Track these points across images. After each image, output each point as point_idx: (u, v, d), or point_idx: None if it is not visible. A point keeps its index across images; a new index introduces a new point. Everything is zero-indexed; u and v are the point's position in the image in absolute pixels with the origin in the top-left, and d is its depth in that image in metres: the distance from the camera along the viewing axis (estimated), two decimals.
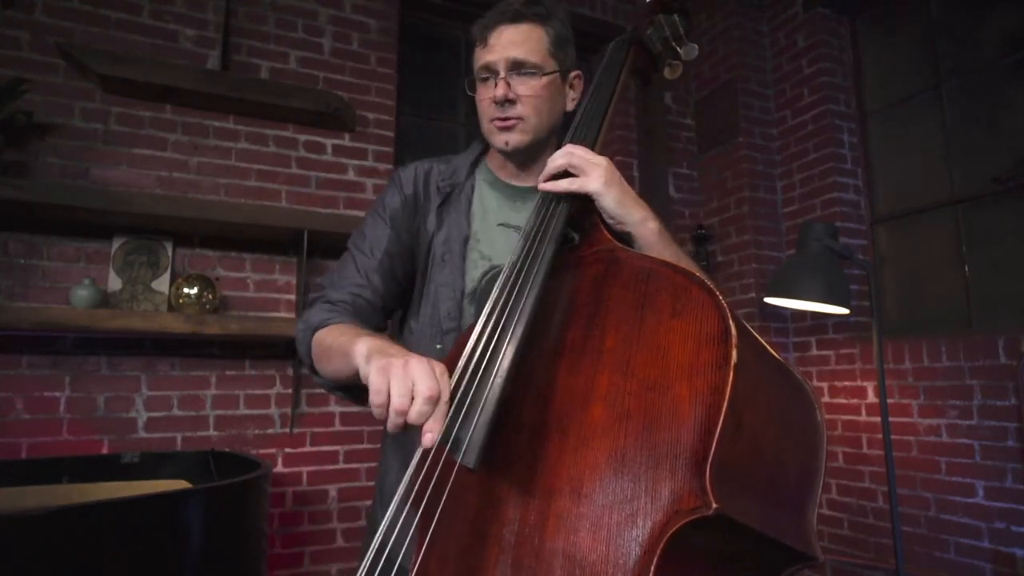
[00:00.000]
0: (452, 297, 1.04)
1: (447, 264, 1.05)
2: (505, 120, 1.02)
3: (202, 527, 1.50)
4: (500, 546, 0.66)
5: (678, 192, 3.34)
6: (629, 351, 0.66)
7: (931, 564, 2.39)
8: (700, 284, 0.65)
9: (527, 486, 0.67)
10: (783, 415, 0.66)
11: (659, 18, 1.09)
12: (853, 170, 2.97)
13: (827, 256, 2.12)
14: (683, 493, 0.56)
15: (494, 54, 1.01)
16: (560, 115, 1.08)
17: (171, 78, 2.28)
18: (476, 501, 0.71)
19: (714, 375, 0.58)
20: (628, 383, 0.64)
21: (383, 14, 2.80)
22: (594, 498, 0.61)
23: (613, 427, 0.63)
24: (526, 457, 0.69)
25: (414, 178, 1.12)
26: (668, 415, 0.59)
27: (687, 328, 0.63)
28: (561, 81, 1.06)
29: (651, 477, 0.58)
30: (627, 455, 0.60)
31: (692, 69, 3.47)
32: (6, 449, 2.03)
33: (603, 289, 0.73)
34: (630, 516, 0.58)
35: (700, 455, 0.56)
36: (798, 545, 0.62)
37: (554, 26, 1.04)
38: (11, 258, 2.12)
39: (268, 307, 2.45)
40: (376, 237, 1.08)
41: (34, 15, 2.22)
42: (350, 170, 2.65)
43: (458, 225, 1.07)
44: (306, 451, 2.44)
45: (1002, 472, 2.22)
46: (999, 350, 2.26)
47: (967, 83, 2.65)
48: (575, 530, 0.61)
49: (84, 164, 2.23)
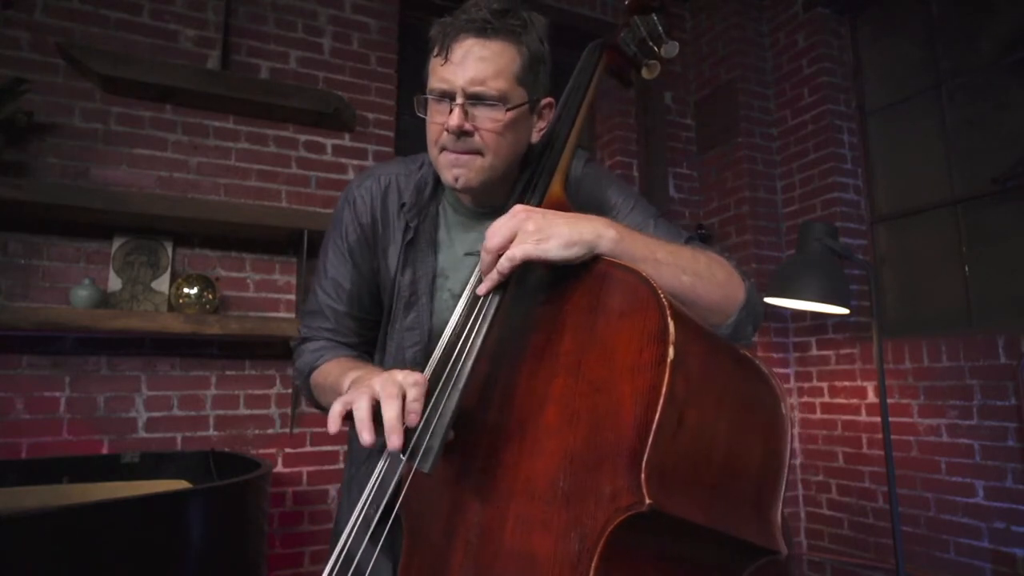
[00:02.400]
0: (419, 342, 0.98)
1: (413, 307, 0.99)
2: (459, 154, 0.87)
3: (202, 527, 1.50)
4: (466, 548, 0.69)
5: (678, 192, 3.34)
6: (581, 353, 0.67)
7: (931, 564, 2.39)
8: (645, 283, 0.65)
9: (489, 489, 0.69)
10: (739, 410, 0.66)
11: (634, 20, 1.06)
12: (853, 170, 2.97)
13: (827, 256, 2.12)
14: (620, 491, 0.57)
15: (454, 74, 0.84)
16: (522, 149, 0.94)
17: (171, 78, 2.28)
18: (447, 504, 0.74)
19: (652, 373, 0.59)
20: (579, 385, 0.65)
21: (383, 14, 2.80)
22: (545, 498, 0.63)
23: (564, 429, 0.64)
24: (489, 460, 0.71)
25: (371, 203, 1.01)
26: (612, 415, 0.61)
27: (632, 327, 0.63)
28: (528, 111, 0.90)
29: (595, 477, 0.59)
30: (575, 456, 0.62)
31: (692, 69, 3.47)
32: (6, 449, 2.03)
33: (564, 294, 0.74)
34: (576, 515, 0.59)
35: (637, 453, 0.56)
36: (759, 540, 0.63)
37: (529, 44, 0.88)
38: (11, 258, 2.12)
39: (268, 307, 2.45)
40: (339, 276, 1.02)
41: (34, 15, 2.22)
42: (350, 170, 2.65)
43: (425, 262, 0.99)
44: (306, 451, 2.44)
45: (1002, 472, 2.22)
46: (999, 350, 2.26)
47: (967, 83, 2.65)
48: (529, 530, 0.63)
49: (84, 164, 2.23)
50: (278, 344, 2.41)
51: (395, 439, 0.64)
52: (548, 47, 0.92)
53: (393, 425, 0.64)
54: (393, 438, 0.64)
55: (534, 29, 0.89)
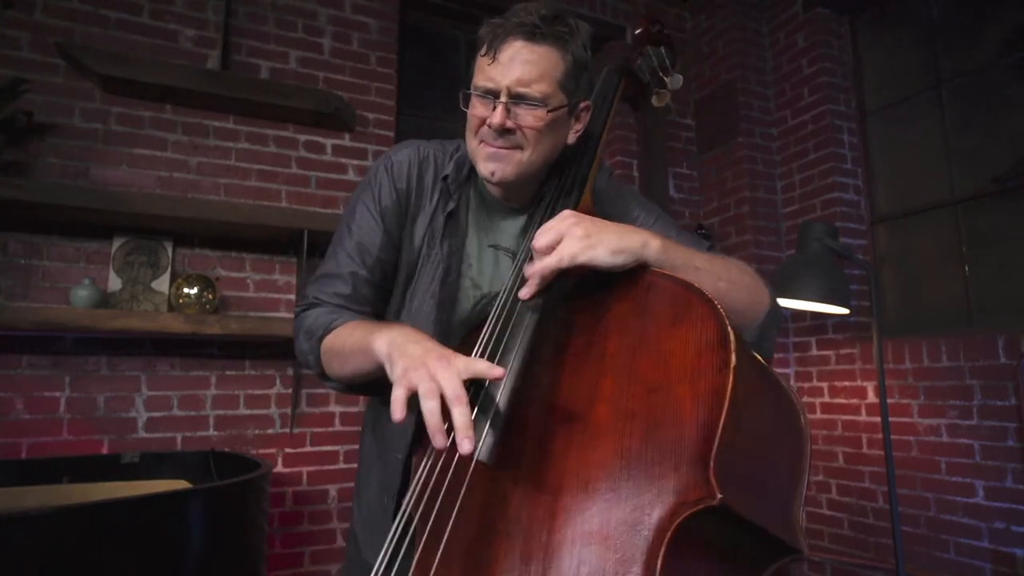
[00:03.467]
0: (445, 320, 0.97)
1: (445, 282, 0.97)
2: (498, 148, 0.90)
3: (202, 527, 1.50)
4: (508, 541, 0.69)
5: (678, 192, 3.34)
6: (632, 356, 0.71)
7: (931, 564, 2.39)
8: (699, 294, 0.70)
9: (534, 483, 0.70)
10: (774, 418, 0.71)
11: (647, 49, 1.15)
12: (853, 170, 2.97)
13: (827, 256, 2.12)
14: (688, 486, 0.60)
15: (500, 74, 0.88)
16: (559, 149, 0.97)
17: (171, 78, 2.28)
18: (480, 500, 0.74)
19: (715, 378, 0.63)
20: (631, 386, 0.68)
21: (383, 14, 2.80)
22: (602, 492, 0.65)
23: (618, 426, 0.67)
24: (532, 455, 0.72)
25: (407, 171, 1.01)
26: (672, 415, 0.64)
27: (687, 335, 0.68)
28: (567, 114, 0.94)
29: (657, 472, 0.62)
30: (633, 452, 0.64)
31: (692, 69, 3.47)
32: (6, 449, 2.03)
33: (604, 300, 0.78)
34: (638, 508, 0.62)
35: (704, 451, 0.60)
36: (786, 538, 0.67)
37: (574, 51, 0.91)
38: (11, 258, 2.12)
39: (268, 307, 2.45)
40: (367, 240, 0.99)
41: (34, 15, 2.22)
42: (350, 170, 2.65)
43: (458, 243, 0.99)
44: (306, 451, 2.44)
45: (1002, 472, 2.22)
46: (999, 350, 2.26)
47: (967, 83, 2.65)
48: (584, 522, 0.64)
49: (84, 164, 2.23)
50: (278, 344, 2.41)
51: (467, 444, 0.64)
52: (591, 53, 0.95)
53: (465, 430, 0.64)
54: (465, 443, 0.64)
55: (579, 36, 0.92)
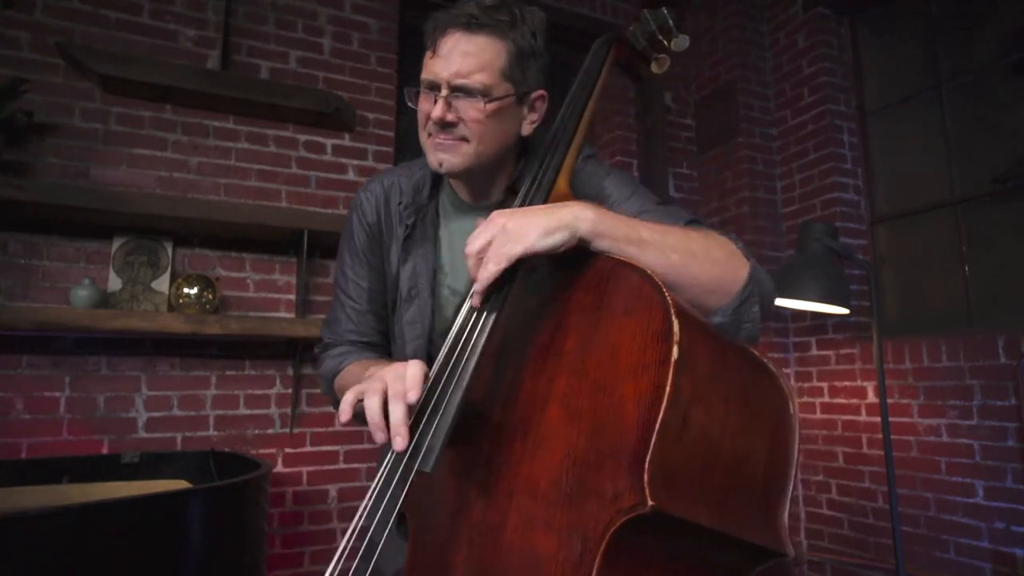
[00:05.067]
0: (420, 336, 1.00)
1: (414, 301, 1.01)
2: (443, 139, 0.91)
3: (202, 527, 1.50)
4: (469, 546, 0.68)
5: (678, 192, 3.34)
6: (585, 352, 0.66)
7: (931, 564, 2.39)
8: (650, 280, 0.64)
9: (492, 487, 0.69)
10: (746, 410, 0.65)
11: (644, 13, 1.05)
12: (853, 170, 2.97)
13: (827, 256, 2.12)
14: (623, 491, 0.56)
15: (440, 67, 0.88)
16: (512, 140, 0.96)
17: (171, 78, 2.28)
18: (451, 502, 0.74)
19: (656, 372, 0.58)
20: (582, 384, 0.64)
21: (383, 14, 2.80)
22: (548, 497, 0.62)
23: (567, 428, 0.64)
24: (492, 458, 0.71)
25: (375, 204, 1.06)
26: (614, 415, 0.60)
27: (636, 326, 0.62)
28: (516, 103, 0.93)
29: (597, 477, 0.59)
30: (578, 455, 0.61)
31: (692, 69, 3.47)
32: (6, 449, 2.03)
33: (567, 292, 0.73)
34: (578, 515, 0.59)
35: (640, 454, 0.56)
36: (766, 541, 0.62)
37: (517, 40, 0.90)
38: (11, 258, 2.12)
39: (268, 307, 2.45)
40: (357, 277, 1.07)
41: (34, 15, 2.22)
42: (350, 170, 2.65)
43: (424, 257, 1.02)
44: (306, 451, 2.44)
45: (1002, 472, 2.22)
46: (999, 350, 2.26)
47: (967, 83, 2.65)
48: (531, 529, 0.63)
49: (84, 164, 2.23)
50: (278, 344, 2.41)
51: (400, 441, 0.65)
52: (541, 41, 0.94)
53: (398, 427, 0.65)
54: (398, 440, 0.65)
55: (524, 24, 0.91)
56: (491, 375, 0.77)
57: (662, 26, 1.04)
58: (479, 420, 0.75)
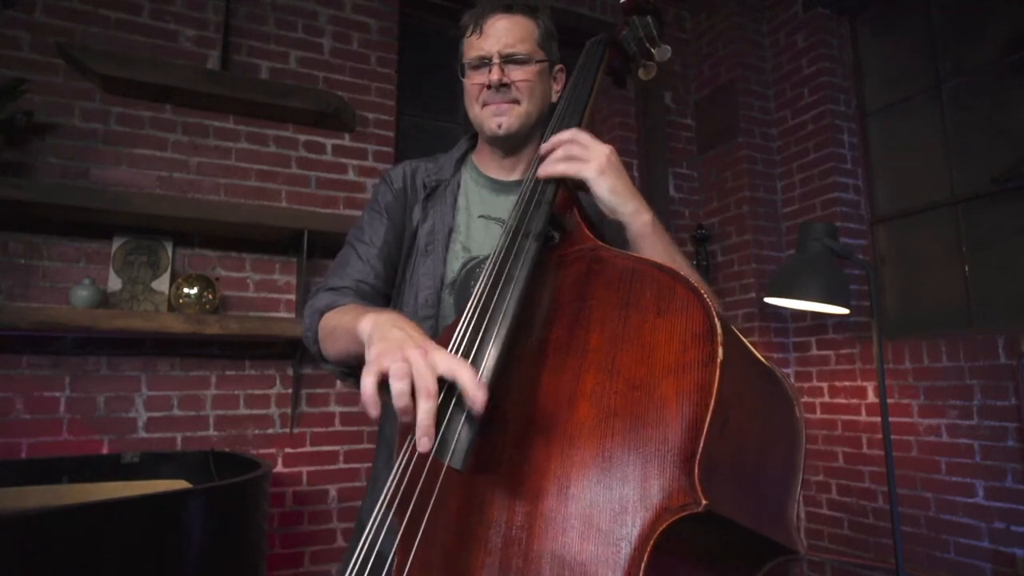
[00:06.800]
0: (431, 287, 1.07)
1: (430, 255, 1.09)
2: (499, 104, 1.06)
3: (202, 527, 1.50)
4: (486, 549, 0.65)
5: (678, 192, 3.34)
6: (614, 350, 0.65)
7: (931, 564, 2.39)
8: (684, 283, 0.65)
9: (513, 487, 0.66)
10: (766, 412, 0.66)
11: (633, 19, 1.11)
12: (853, 170, 2.98)
13: (827, 256, 2.12)
14: (672, 491, 0.56)
15: (489, 44, 1.06)
16: (547, 104, 1.12)
17: (171, 78, 2.28)
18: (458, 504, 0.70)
19: (700, 373, 0.58)
20: (614, 382, 0.64)
21: (383, 14, 2.80)
22: (582, 497, 0.61)
23: (599, 426, 0.62)
24: (511, 458, 0.68)
25: (403, 175, 1.17)
26: (655, 413, 0.59)
27: (672, 326, 0.63)
28: (548, 70, 1.11)
29: (639, 475, 0.58)
30: (614, 454, 0.60)
31: (692, 69, 3.47)
32: (6, 449, 2.03)
33: (586, 288, 0.72)
34: (619, 514, 0.58)
35: (688, 452, 0.56)
36: (781, 539, 0.63)
37: (543, 20, 1.11)
38: (11, 258, 2.12)
39: (268, 307, 2.45)
40: (374, 228, 1.13)
41: (34, 15, 2.22)
42: (350, 170, 2.65)
43: (442, 217, 1.12)
44: (306, 451, 2.44)
45: (1002, 472, 2.22)
46: (999, 350, 2.26)
47: (967, 83, 2.65)
48: (564, 530, 0.60)
49: (84, 164, 2.23)
50: (278, 344, 2.41)
51: (426, 442, 0.59)
52: (554, 27, 1.14)
53: (427, 428, 0.59)
54: (424, 440, 0.59)
55: (545, 11, 1.13)
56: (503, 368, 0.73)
57: (647, 34, 1.10)
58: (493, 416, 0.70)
